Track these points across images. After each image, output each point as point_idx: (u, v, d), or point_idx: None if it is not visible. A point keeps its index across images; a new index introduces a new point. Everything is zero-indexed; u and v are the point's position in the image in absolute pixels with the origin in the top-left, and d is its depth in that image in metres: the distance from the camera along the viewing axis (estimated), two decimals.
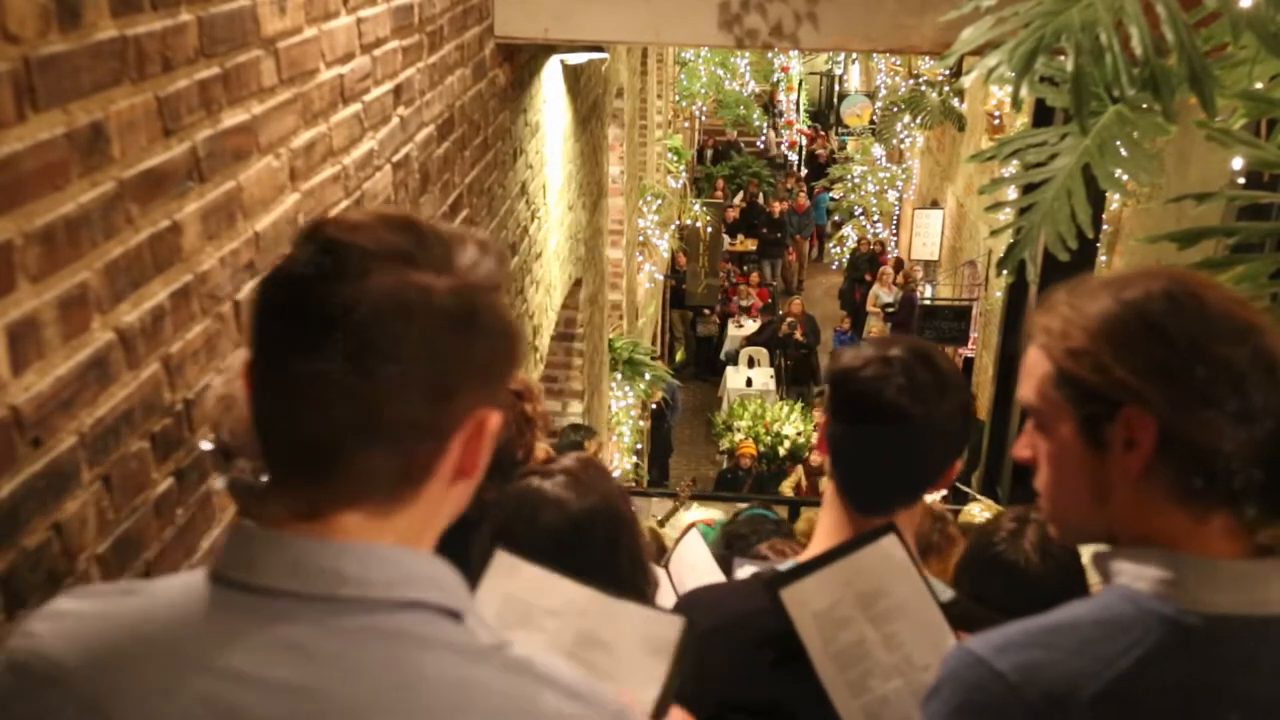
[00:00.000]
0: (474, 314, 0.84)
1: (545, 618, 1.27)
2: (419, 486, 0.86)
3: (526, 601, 1.28)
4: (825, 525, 1.51)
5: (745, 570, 1.75)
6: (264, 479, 1.21)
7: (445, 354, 0.83)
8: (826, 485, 1.54)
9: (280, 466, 0.86)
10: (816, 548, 1.51)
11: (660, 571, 2.15)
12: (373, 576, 0.83)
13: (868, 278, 14.31)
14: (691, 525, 3.73)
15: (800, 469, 9.48)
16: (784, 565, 1.52)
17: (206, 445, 1.31)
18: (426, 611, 0.84)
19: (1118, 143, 2.21)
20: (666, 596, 2.03)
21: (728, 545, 2.85)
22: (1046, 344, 1.08)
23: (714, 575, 2.18)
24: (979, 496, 3.79)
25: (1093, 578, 2.09)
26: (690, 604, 1.62)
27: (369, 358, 0.80)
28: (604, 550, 1.58)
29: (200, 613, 0.84)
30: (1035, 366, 1.10)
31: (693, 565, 2.22)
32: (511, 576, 1.30)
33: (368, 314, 0.80)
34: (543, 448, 2.22)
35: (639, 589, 1.61)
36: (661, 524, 4.28)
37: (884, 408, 1.40)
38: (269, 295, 0.84)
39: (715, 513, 4.08)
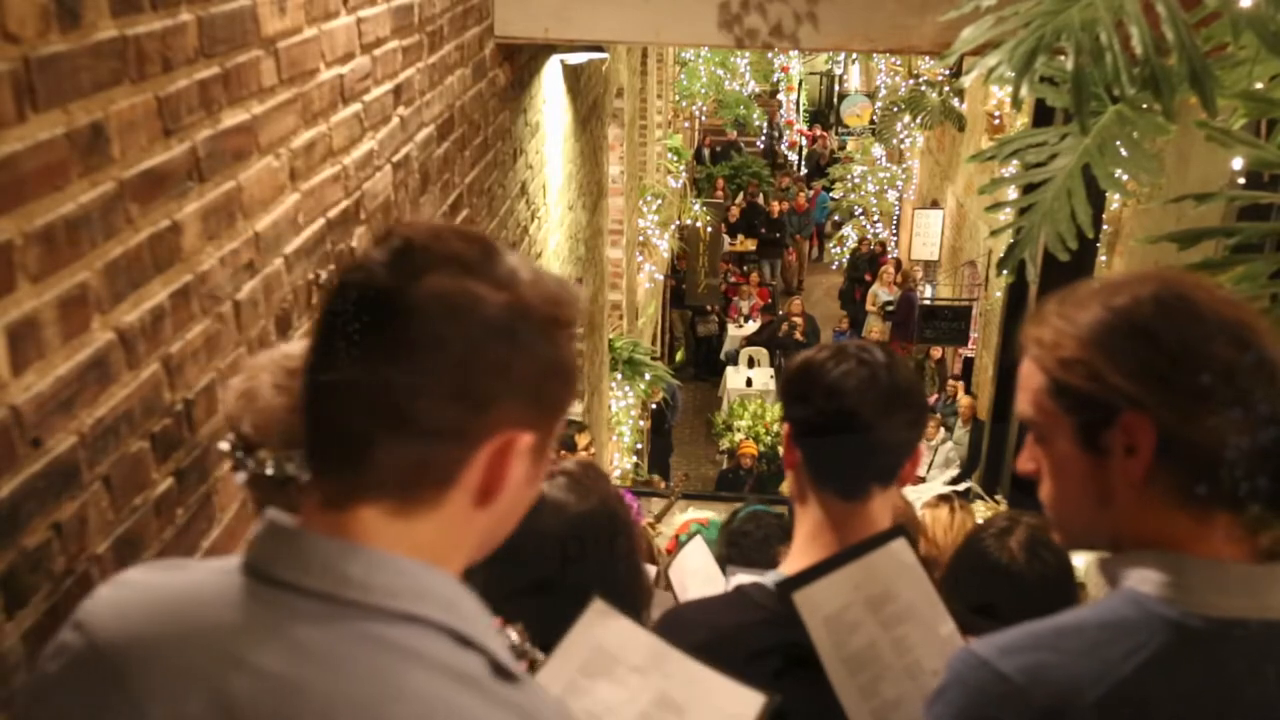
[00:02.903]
0: (520, 331, 0.85)
1: (629, 674, 1.25)
2: (440, 491, 0.86)
3: (613, 655, 1.27)
4: (808, 525, 1.51)
5: (737, 579, 1.74)
6: (303, 471, 1.22)
7: (483, 362, 0.83)
8: (796, 489, 1.54)
9: (314, 454, 0.88)
10: (801, 549, 1.50)
11: (658, 573, 2.15)
12: (376, 582, 0.83)
13: (868, 278, 14.31)
14: (687, 524, 3.73)
15: None
16: (768, 576, 1.51)
17: (225, 445, 1.32)
18: (428, 629, 0.83)
19: (1118, 143, 2.21)
20: (665, 601, 2.03)
21: (732, 544, 2.81)
22: (1039, 356, 1.08)
23: (716, 580, 2.17)
24: (1001, 506, 3.77)
25: (1091, 588, 2.09)
26: (678, 621, 1.60)
27: (407, 352, 0.82)
28: (603, 553, 1.57)
29: (232, 603, 0.85)
30: (1029, 379, 1.10)
31: (695, 571, 2.22)
32: (603, 626, 1.29)
33: (414, 311, 0.82)
34: None
35: (634, 593, 1.60)
36: (656, 522, 4.27)
37: (838, 383, 1.45)
38: (334, 286, 0.87)
39: (709, 513, 4.07)
